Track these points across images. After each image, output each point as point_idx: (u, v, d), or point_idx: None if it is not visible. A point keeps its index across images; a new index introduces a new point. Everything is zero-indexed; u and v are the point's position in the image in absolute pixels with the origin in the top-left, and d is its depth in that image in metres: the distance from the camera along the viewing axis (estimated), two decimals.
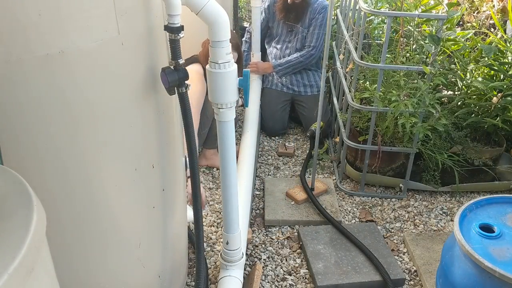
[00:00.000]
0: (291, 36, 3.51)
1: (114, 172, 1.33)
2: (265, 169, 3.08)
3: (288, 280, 2.18)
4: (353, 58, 2.60)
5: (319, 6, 3.38)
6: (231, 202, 1.81)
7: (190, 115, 1.47)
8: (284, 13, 3.45)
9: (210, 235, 2.43)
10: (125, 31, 1.20)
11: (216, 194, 2.78)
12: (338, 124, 3.05)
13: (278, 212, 2.58)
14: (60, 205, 1.24)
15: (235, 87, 1.59)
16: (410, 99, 2.39)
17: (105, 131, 1.26)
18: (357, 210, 2.68)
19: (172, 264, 1.77)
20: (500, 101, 2.53)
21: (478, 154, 2.68)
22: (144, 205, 1.49)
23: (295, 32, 3.47)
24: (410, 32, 2.74)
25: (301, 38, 3.47)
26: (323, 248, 2.30)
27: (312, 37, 3.42)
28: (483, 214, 1.79)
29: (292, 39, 3.51)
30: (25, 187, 0.84)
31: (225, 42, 1.49)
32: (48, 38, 1.05)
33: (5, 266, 0.69)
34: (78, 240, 1.33)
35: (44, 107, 1.11)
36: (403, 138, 2.61)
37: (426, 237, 2.42)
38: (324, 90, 2.49)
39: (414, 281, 2.20)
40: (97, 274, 1.43)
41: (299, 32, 3.45)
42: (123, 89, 1.27)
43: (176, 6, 1.31)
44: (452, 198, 2.80)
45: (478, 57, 2.65)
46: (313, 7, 3.38)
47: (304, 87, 3.54)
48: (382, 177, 2.81)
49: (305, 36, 3.46)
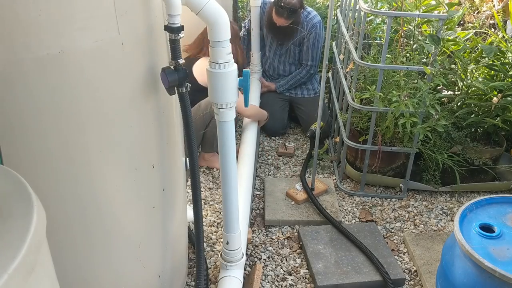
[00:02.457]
0: (281, 50, 3.48)
1: (114, 172, 1.33)
2: (265, 169, 3.08)
3: (288, 280, 2.18)
4: (353, 58, 2.59)
5: (309, 24, 3.30)
6: (231, 202, 1.81)
7: (190, 115, 1.47)
8: (273, 33, 3.41)
9: (210, 235, 2.43)
10: (125, 31, 1.20)
11: (216, 194, 2.78)
12: (338, 124, 3.04)
13: (278, 212, 2.58)
14: (60, 205, 1.24)
15: (235, 87, 1.59)
16: (411, 99, 2.39)
17: (105, 131, 1.26)
18: (357, 210, 2.68)
19: (172, 264, 1.77)
20: (500, 101, 2.53)
21: (478, 154, 2.68)
22: (144, 205, 1.49)
23: (286, 47, 3.44)
24: (411, 32, 2.74)
25: (293, 55, 3.46)
26: (323, 248, 2.30)
27: (307, 56, 3.40)
28: (483, 214, 1.79)
29: (284, 53, 3.48)
30: (25, 187, 0.84)
31: (225, 42, 1.49)
32: (48, 38, 1.05)
33: (5, 266, 0.69)
34: (78, 240, 1.33)
35: (44, 107, 1.11)
36: (403, 138, 2.61)
37: (426, 237, 2.42)
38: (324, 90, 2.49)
39: (414, 281, 2.20)
40: (97, 274, 1.43)
41: (290, 49, 3.42)
42: (123, 89, 1.27)
43: (176, 6, 1.31)
44: (452, 198, 2.80)
45: (478, 57, 2.65)
46: (303, 25, 3.30)
47: (301, 90, 3.56)
48: (382, 177, 2.81)
49: (296, 52, 3.43)
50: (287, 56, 3.48)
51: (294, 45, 3.39)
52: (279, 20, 3.22)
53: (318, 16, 3.36)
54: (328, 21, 2.30)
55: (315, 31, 3.31)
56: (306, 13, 3.33)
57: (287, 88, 3.53)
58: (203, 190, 2.80)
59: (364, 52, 2.82)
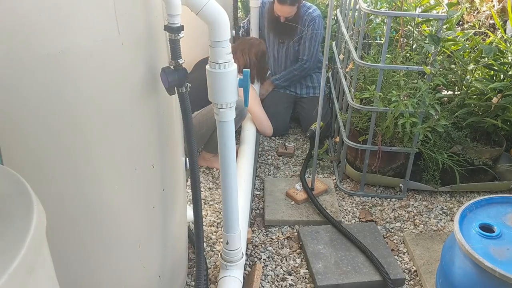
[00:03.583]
0: (283, 48, 3.47)
1: (114, 172, 1.33)
2: (265, 169, 3.08)
3: (288, 280, 2.18)
4: (353, 58, 2.59)
5: (308, 19, 3.30)
6: (231, 202, 1.81)
7: (190, 115, 1.47)
8: (274, 31, 3.41)
9: (210, 235, 2.43)
10: (125, 31, 1.20)
11: (216, 194, 2.78)
12: (338, 124, 3.04)
13: (278, 212, 2.58)
14: (60, 205, 1.24)
15: (235, 87, 1.59)
16: (410, 99, 2.39)
17: (105, 131, 1.26)
18: (357, 210, 2.68)
19: (172, 264, 1.77)
20: (500, 101, 2.53)
21: (478, 154, 2.68)
22: (144, 205, 1.49)
23: (287, 45, 3.43)
24: (410, 32, 2.74)
25: (293, 52, 3.45)
26: (323, 248, 2.30)
27: (304, 50, 3.39)
28: (483, 214, 1.79)
29: (285, 52, 3.47)
30: (25, 187, 0.84)
31: (225, 42, 1.49)
32: (48, 38, 1.05)
33: (5, 266, 0.68)
34: (78, 240, 1.33)
35: (44, 107, 1.11)
36: (403, 138, 2.61)
37: (426, 237, 2.42)
38: (324, 91, 2.49)
39: (414, 281, 2.20)
40: (97, 274, 1.43)
41: (290, 46, 3.42)
42: (123, 89, 1.27)
43: (176, 6, 1.31)
44: (452, 198, 2.80)
45: (478, 57, 2.66)
46: (303, 20, 3.31)
47: (306, 89, 3.56)
48: (382, 177, 2.81)
49: (297, 49, 3.43)
50: (289, 54, 3.47)
51: (295, 42, 3.39)
52: (283, 9, 3.19)
53: (318, 10, 3.36)
54: (328, 21, 2.30)
55: (313, 24, 3.31)
56: (306, 8, 3.34)
57: (281, 83, 3.52)
58: (203, 190, 2.80)
59: (364, 52, 2.82)
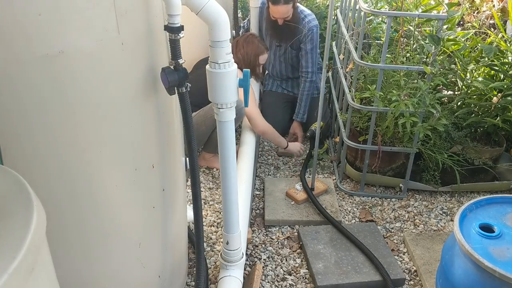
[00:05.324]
0: (280, 51, 3.42)
1: (114, 172, 1.33)
2: (265, 169, 3.08)
3: (288, 280, 2.18)
4: (353, 58, 2.59)
5: (305, 28, 3.20)
6: (231, 202, 1.81)
7: (190, 115, 1.47)
8: (270, 33, 3.35)
9: (210, 235, 2.43)
10: (125, 31, 1.20)
11: (216, 194, 2.78)
12: (338, 124, 3.04)
13: (278, 212, 2.58)
14: (60, 205, 1.24)
15: (235, 87, 1.59)
16: (410, 99, 2.39)
17: (105, 131, 1.26)
18: (357, 210, 2.68)
19: (172, 264, 1.77)
20: (500, 101, 2.53)
21: (478, 154, 2.68)
22: (144, 205, 1.49)
23: (284, 48, 3.39)
24: (410, 32, 2.74)
25: (290, 56, 3.40)
26: (323, 248, 2.30)
27: (306, 62, 3.30)
28: (483, 214, 1.79)
29: (282, 54, 3.42)
30: (25, 187, 0.84)
31: (225, 42, 1.49)
32: (48, 38, 1.05)
33: (5, 266, 0.69)
34: (78, 240, 1.33)
35: (44, 107, 1.11)
36: (403, 138, 2.61)
37: (426, 237, 2.42)
38: (324, 91, 2.49)
39: (414, 281, 2.20)
40: (97, 274, 1.43)
41: (288, 50, 3.38)
42: (123, 89, 1.27)
43: (176, 6, 1.31)
44: (452, 198, 2.80)
45: (478, 57, 2.66)
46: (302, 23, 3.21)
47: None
48: (382, 177, 2.81)
49: (293, 56, 3.38)
50: (286, 57, 3.46)
51: (292, 48, 3.34)
52: (279, 10, 3.08)
53: (315, 20, 3.26)
54: (328, 21, 2.29)
55: (311, 35, 3.22)
56: (303, 16, 3.24)
57: (304, 111, 3.40)
58: (203, 190, 2.80)
59: (364, 52, 2.81)
